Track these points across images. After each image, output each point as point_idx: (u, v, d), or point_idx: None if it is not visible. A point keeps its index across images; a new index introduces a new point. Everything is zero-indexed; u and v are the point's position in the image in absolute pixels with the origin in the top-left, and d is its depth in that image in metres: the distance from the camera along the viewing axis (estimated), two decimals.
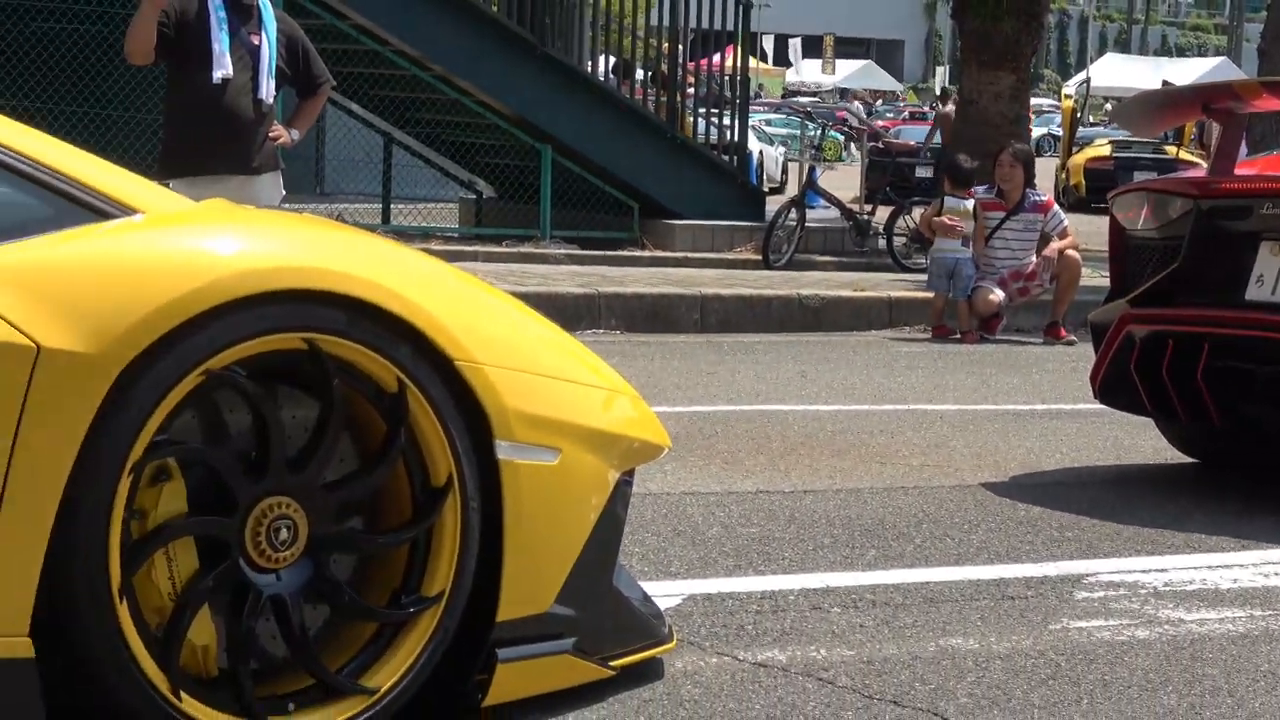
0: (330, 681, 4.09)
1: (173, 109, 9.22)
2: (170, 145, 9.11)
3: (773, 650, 5.09)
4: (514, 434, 4.24)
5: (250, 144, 9.09)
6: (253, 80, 9.07)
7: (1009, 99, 20.65)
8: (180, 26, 8.92)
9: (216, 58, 8.92)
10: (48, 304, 3.69)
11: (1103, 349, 8.15)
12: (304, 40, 9.48)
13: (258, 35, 9.08)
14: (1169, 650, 5.29)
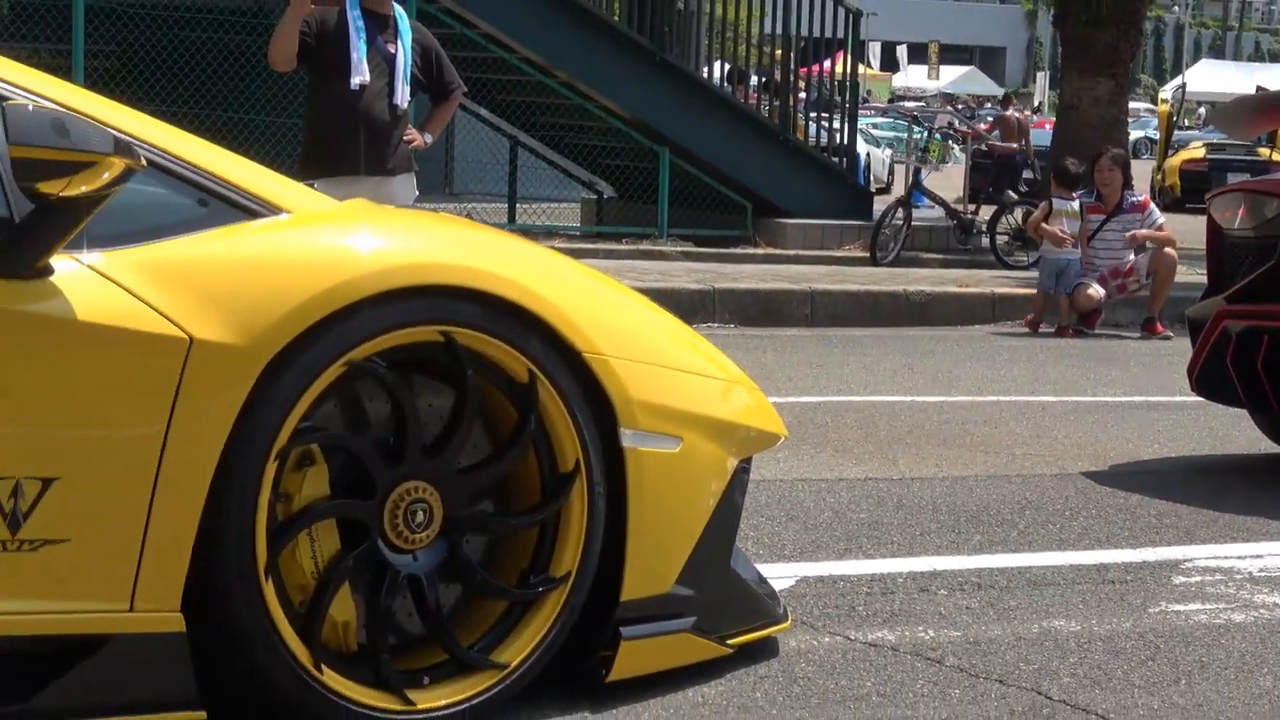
0: (463, 657, 4.11)
1: (313, 113, 9.29)
2: (310, 147, 9.19)
3: (882, 630, 5.08)
4: (638, 422, 4.25)
5: (386, 147, 9.13)
6: (389, 86, 9.11)
7: (1108, 103, 20.50)
8: (321, 35, 8.98)
9: (355, 65, 8.98)
10: (199, 298, 3.73)
11: (1199, 343, 8.09)
12: (437, 48, 9.51)
13: (394, 44, 9.12)
14: (1264, 634, 5.25)
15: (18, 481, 3.56)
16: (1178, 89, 51.46)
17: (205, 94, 16.58)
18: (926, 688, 4.55)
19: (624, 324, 4.36)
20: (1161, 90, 60.00)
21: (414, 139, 9.32)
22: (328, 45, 9.00)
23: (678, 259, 17.40)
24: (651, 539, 4.31)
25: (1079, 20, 20.34)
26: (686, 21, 19.41)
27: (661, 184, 18.39)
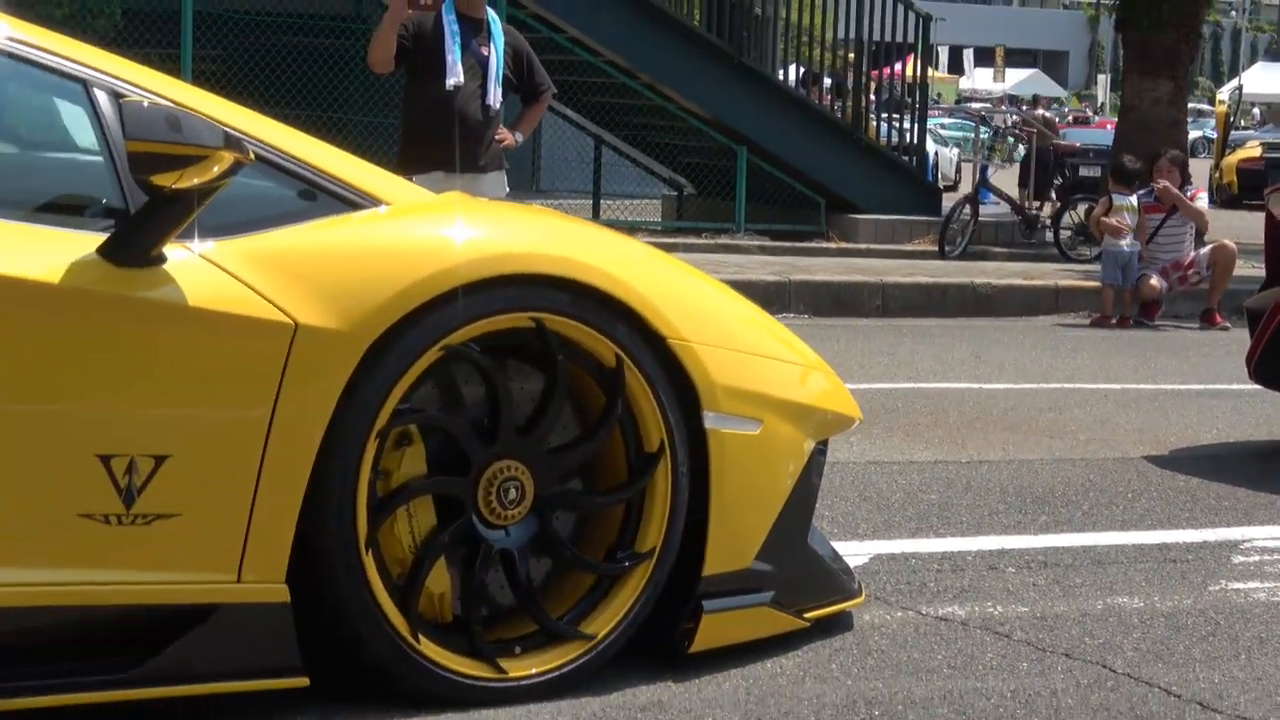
0: (553, 628, 4.12)
1: (410, 113, 9.31)
2: (407, 145, 9.21)
3: (952, 606, 5.07)
4: (720, 405, 4.24)
5: (479, 145, 9.15)
6: (482, 87, 9.12)
7: (1167, 104, 20.38)
8: (418, 39, 9.01)
9: (450, 67, 9.00)
10: (304, 285, 3.75)
11: (1258, 333, 8.02)
12: (528, 51, 9.52)
13: (487, 47, 9.14)
14: None
15: (132, 459, 3.58)
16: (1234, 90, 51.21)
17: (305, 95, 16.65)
18: (995, 660, 4.54)
19: (707, 311, 4.35)
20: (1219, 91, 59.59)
21: (505, 138, 9.33)
22: (424, 48, 9.03)
23: (754, 252, 17.39)
24: (732, 517, 4.31)
25: (1140, 25, 20.23)
26: (763, 26, 19.37)
27: (739, 181, 18.38)
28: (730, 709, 4.04)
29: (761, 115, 18.52)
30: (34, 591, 3.53)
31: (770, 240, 18.14)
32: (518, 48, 9.40)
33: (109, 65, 3.93)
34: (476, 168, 9.10)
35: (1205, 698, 4.30)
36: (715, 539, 4.28)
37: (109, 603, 3.61)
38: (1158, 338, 13.72)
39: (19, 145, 4.14)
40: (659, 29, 18.01)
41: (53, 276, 3.54)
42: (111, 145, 3.76)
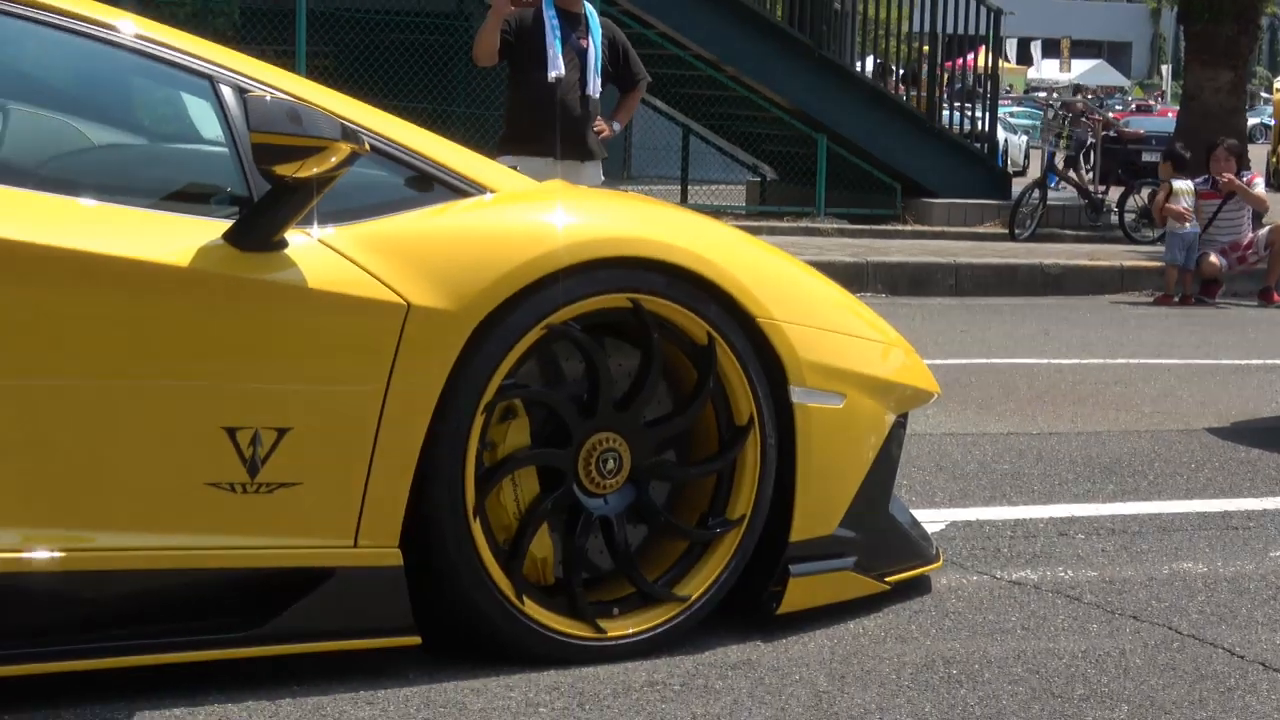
0: (648, 590, 4.12)
1: (513, 103, 9.29)
2: (510, 133, 9.21)
3: (1025, 570, 5.04)
4: (806, 381, 4.24)
5: (579, 134, 9.14)
6: (581, 78, 9.12)
7: (1227, 93, 20.25)
8: (520, 33, 9.02)
9: (551, 60, 9.00)
10: (416, 268, 3.76)
11: None
12: (624, 42, 9.50)
13: (585, 39, 9.13)
14: None
15: (256, 431, 3.61)
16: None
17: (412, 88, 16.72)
18: (1066, 622, 4.52)
19: (793, 291, 4.34)
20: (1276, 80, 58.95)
21: (604, 130, 9.32)
22: (526, 42, 9.03)
23: (833, 235, 17.35)
24: (817, 486, 4.30)
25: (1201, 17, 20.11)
26: (841, 20, 19.32)
27: (820, 167, 18.35)
28: (815, 667, 4.04)
29: (840, 105, 18.48)
30: (166, 555, 3.57)
31: (848, 223, 18.10)
32: (614, 39, 9.39)
33: (233, 62, 3.95)
34: (576, 156, 9.10)
35: (1267, 658, 4.26)
36: (801, 507, 4.28)
37: (234, 566, 3.64)
38: (1218, 315, 13.61)
39: (149, 138, 4.17)
40: (744, 25, 17.98)
41: (182, 260, 3.57)
42: (236, 137, 3.78)
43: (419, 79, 17.77)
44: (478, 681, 3.81)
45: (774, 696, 3.82)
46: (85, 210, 3.60)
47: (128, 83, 4.08)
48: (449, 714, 3.61)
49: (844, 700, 3.82)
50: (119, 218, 3.61)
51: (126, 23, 3.91)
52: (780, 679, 3.94)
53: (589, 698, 3.76)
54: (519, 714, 3.64)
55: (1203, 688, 4.02)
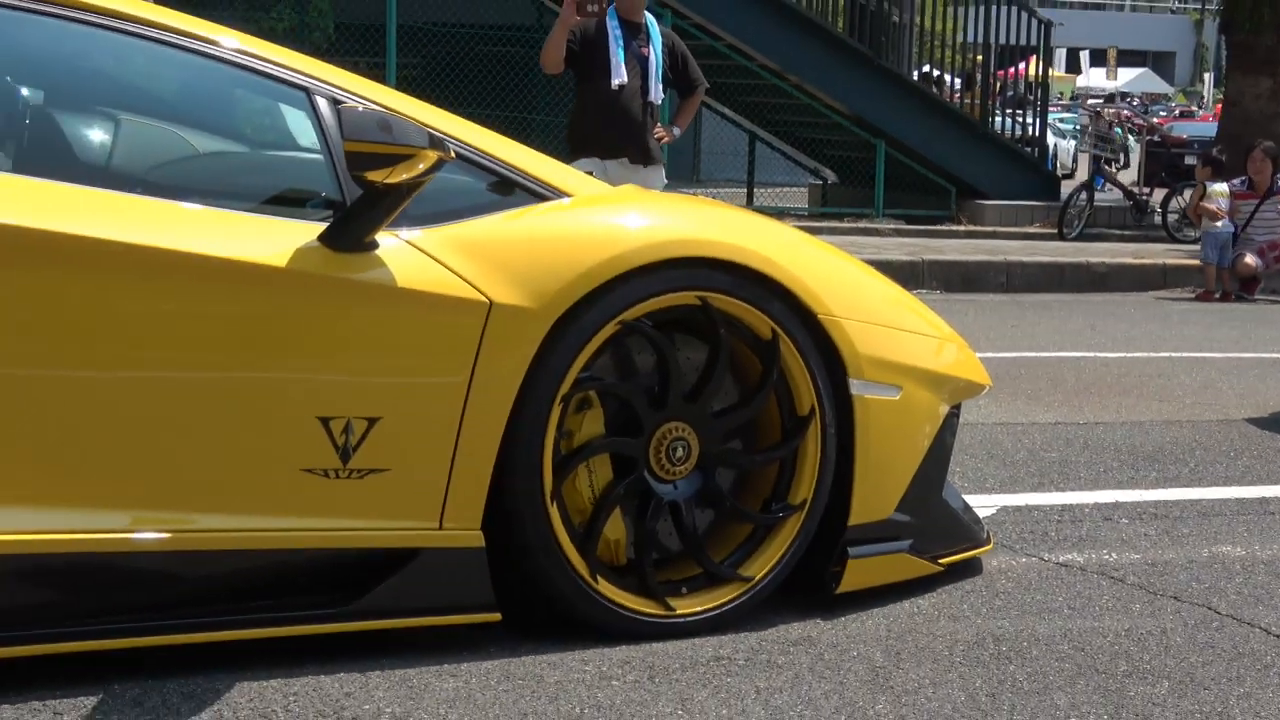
0: (715, 571, 4.13)
1: (580, 108, 9.29)
2: (574, 136, 9.19)
3: (1072, 553, 5.02)
4: (864, 374, 4.23)
5: (640, 138, 9.14)
6: (643, 85, 9.11)
7: (1268, 99, 20.09)
8: (585, 43, 9.01)
9: (615, 68, 9.00)
10: (498, 268, 3.77)
11: None
12: (683, 49, 9.48)
13: (646, 47, 9.12)
14: None
15: (348, 420, 3.63)
16: None
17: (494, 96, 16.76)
18: (1111, 602, 4.50)
19: (852, 289, 4.33)
20: None
21: (663, 135, 9.30)
22: (591, 51, 9.02)
23: (890, 235, 17.31)
24: (874, 473, 4.29)
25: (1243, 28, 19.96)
26: (900, 31, 19.26)
27: (878, 171, 18.31)
28: (873, 644, 4.03)
29: (898, 112, 18.43)
30: (264, 536, 3.60)
31: (905, 224, 18.05)
32: (673, 47, 9.37)
33: (327, 74, 3.97)
34: (638, 159, 9.10)
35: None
36: (859, 492, 4.27)
37: (327, 546, 3.66)
38: (1257, 311, 13.50)
39: (250, 145, 4.20)
40: (806, 35, 17.95)
41: (280, 260, 3.59)
42: (330, 145, 3.80)
43: (501, 88, 17.82)
44: (554, 656, 3.82)
45: (833, 671, 3.82)
46: (191, 214, 3.63)
47: (229, 94, 4.10)
48: (527, 686, 3.63)
49: (899, 675, 3.81)
50: (222, 221, 3.64)
51: (228, 38, 3.94)
52: (839, 655, 3.94)
53: (658, 671, 3.77)
54: (593, 686, 3.65)
55: (1240, 665, 3.99)
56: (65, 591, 3.48)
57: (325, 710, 3.43)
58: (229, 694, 3.48)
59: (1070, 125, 38.76)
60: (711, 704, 3.58)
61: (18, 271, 3.39)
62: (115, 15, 3.82)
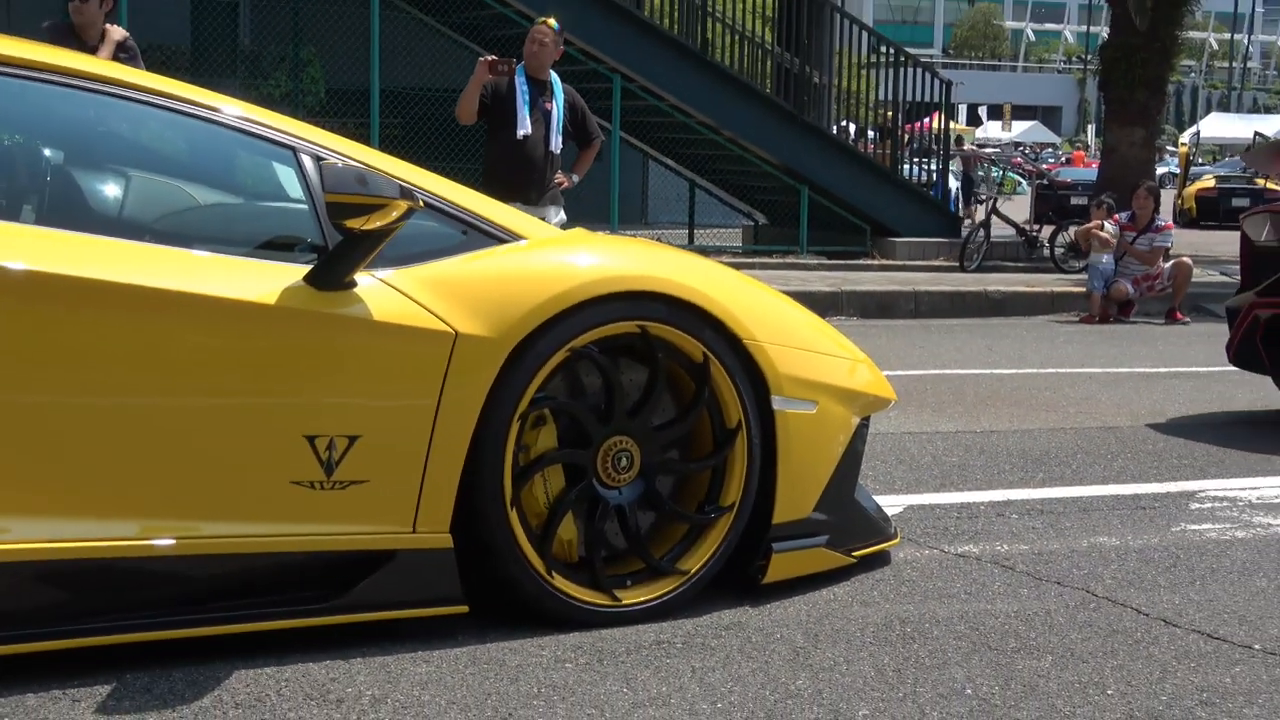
0: (656, 565, 4.13)
1: (490, 156, 9.23)
2: (487, 181, 9.04)
3: (968, 545, 5.04)
4: (784, 391, 4.24)
5: (541, 182, 9.11)
6: (545, 135, 9.09)
7: (1141, 147, 20.21)
8: (496, 98, 9.00)
9: (520, 120, 8.97)
10: (462, 303, 3.77)
11: (1235, 327, 8.05)
12: (583, 105, 9.41)
13: (550, 103, 9.09)
14: (1260, 546, 5.15)
15: (331, 438, 3.62)
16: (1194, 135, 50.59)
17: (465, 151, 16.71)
18: (1002, 588, 4.51)
19: (773, 317, 4.34)
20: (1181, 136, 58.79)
21: (562, 181, 9.25)
22: (500, 105, 9.00)
23: (814, 269, 17.31)
24: (795, 478, 4.30)
25: (1119, 85, 20.08)
26: (820, 91, 19.27)
27: (802, 213, 18.32)
28: (794, 627, 4.04)
29: (820, 161, 18.45)
30: (258, 541, 3.59)
31: (826, 259, 18.05)
32: (574, 103, 9.33)
33: (311, 134, 3.97)
34: (540, 201, 9.06)
35: (1168, 615, 4.26)
36: (782, 495, 4.28)
37: (314, 549, 3.65)
38: (1133, 332, 13.57)
39: (245, 197, 4.19)
40: (739, 96, 17.97)
41: (270, 298, 3.59)
42: (314, 197, 3.80)
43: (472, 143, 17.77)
44: (515, 642, 3.82)
45: (760, 652, 3.82)
46: (194, 259, 3.62)
47: (227, 153, 4.09)
48: (491, 669, 3.62)
49: (817, 654, 3.82)
50: (219, 264, 3.63)
51: (227, 105, 3.94)
52: (765, 637, 3.95)
53: (606, 654, 3.77)
54: (549, 668, 3.64)
55: (1114, 640, 4.02)
56: (83, 592, 3.45)
57: (313, 693, 3.42)
58: (228, 680, 3.47)
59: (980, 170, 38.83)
60: (653, 682, 3.58)
61: (43, 311, 3.38)
62: (129, 86, 3.83)
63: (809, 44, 18.72)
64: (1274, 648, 3.99)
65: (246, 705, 3.33)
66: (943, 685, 3.61)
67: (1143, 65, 19.79)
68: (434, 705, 3.38)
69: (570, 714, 3.35)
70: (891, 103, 19.60)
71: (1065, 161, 53.13)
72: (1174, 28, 20.26)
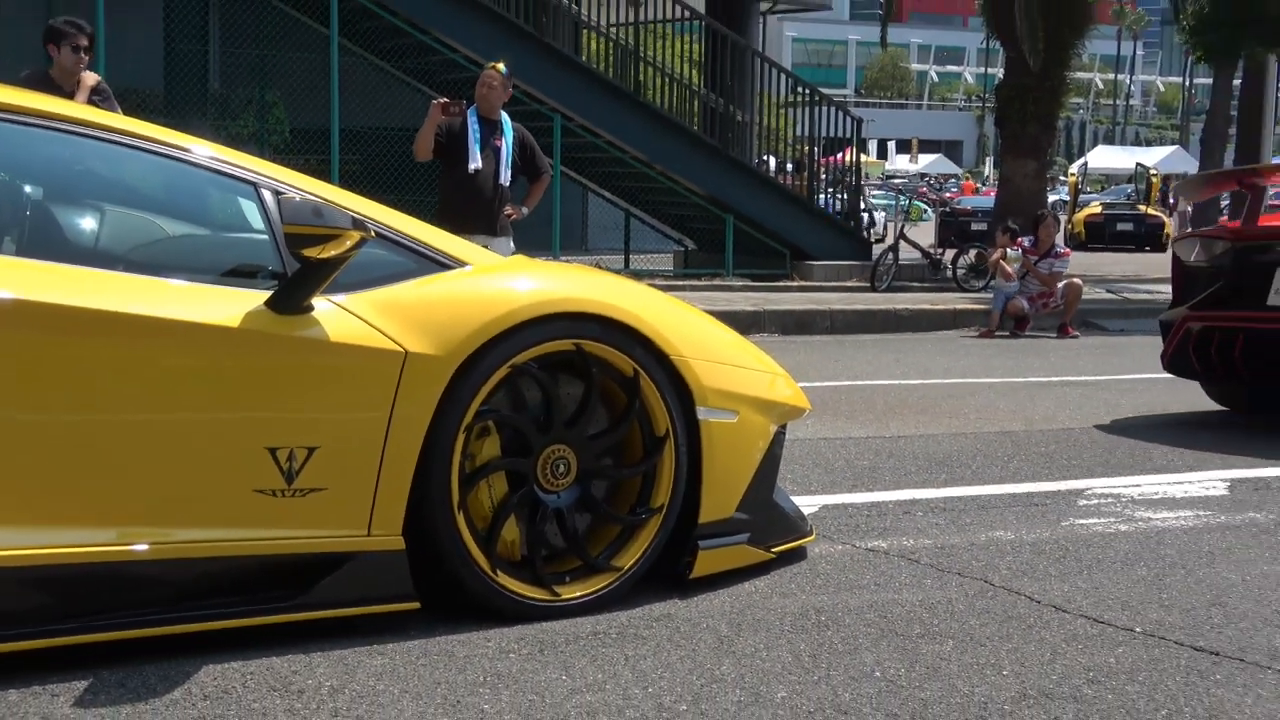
0: (592, 563, 4.12)
1: (444, 190, 9.23)
2: (441, 212, 9.04)
3: (878, 540, 5.06)
4: (708, 402, 4.24)
5: (491, 214, 9.10)
6: (495, 171, 9.09)
7: (1033, 177, 20.45)
8: (449, 136, 9.01)
9: (472, 156, 8.98)
10: (412, 324, 3.76)
11: (1169, 338, 8.29)
12: (532, 142, 9.40)
13: (500, 140, 9.10)
14: (1141, 539, 5.19)
15: (292, 449, 3.60)
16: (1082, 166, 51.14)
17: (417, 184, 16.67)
18: (908, 579, 4.53)
19: (698, 335, 4.35)
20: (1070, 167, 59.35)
21: (512, 213, 9.24)
22: (454, 143, 9.01)
23: (739, 290, 17.36)
24: (718, 481, 4.31)
25: (1013, 121, 20.28)
26: (743, 128, 19.34)
27: (728, 239, 18.38)
28: (719, 618, 4.04)
29: (743, 192, 18.52)
30: (225, 545, 3.56)
31: (750, 281, 18.11)
32: (523, 140, 9.33)
33: (271, 171, 3.95)
34: (492, 232, 9.04)
35: (1058, 602, 4.29)
36: (706, 497, 4.28)
37: (277, 552, 3.62)
38: (1028, 345, 13.68)
39: (212, 229, 4.15)
40: (669, 133, 18.03)
41: (234, 322, 3.56)
42: (274, 228, 3.78)
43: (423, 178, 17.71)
44: (463, 635, 3.80)
45: (687, 640, 3.83)
46: (164, 285, 3.59)
47: (194, 188, 4.06)
48: (440, 660, 3.61)
49: (740, 642, 3.82)
50: (187, 291, 3.61)
51: (197, 145, 3.92)
52: (692, 627, 3.95)
53: (547, 645, 3.76)
54: (494, 659, 3.63)
55: (1009, 625, 4.04)
56: (66, 596, 3.41)
57: (276, 685, 3.39)
58: (197, 675, 3.43)
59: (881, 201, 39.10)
60: (590, 670, 3.57)
61: (25, 336, 3.35)
62: (101, 128, 3.81)
63: (733, 86, 18.80)
64: (1153, 630, 4.03)
65: (214, 697, 3.30)
66: (854, 669, 3.63)
67: (1035, 103, 20.03)
68: (388, 694, 3.36)
69: (514, 700, 3.34)
70: (808, 138, 19.69)
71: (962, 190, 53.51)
72: (1063, 69, 20.51)
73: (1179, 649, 3.85)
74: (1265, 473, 6.64)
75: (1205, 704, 3.44)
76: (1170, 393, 9.57)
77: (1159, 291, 18.88)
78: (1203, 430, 7.99)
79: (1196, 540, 5.19)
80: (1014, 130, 20.35)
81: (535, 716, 3.24)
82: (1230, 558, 4.93)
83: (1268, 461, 6.95)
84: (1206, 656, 3.80)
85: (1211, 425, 8.21)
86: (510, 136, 9.18)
